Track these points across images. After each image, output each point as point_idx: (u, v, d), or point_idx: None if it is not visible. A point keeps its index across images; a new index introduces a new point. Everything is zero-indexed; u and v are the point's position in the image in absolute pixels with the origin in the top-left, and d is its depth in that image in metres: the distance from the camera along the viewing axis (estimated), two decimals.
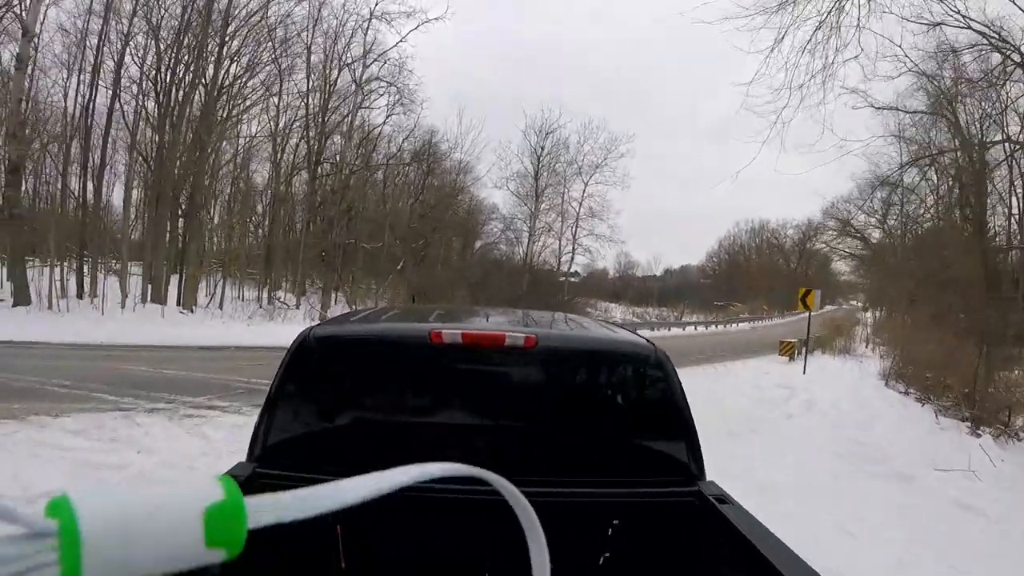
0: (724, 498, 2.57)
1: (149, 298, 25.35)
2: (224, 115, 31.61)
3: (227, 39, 29.07)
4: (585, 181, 50.48)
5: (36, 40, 25.03)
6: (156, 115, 28.92)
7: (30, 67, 25.64)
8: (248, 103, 33.55)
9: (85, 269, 25.96)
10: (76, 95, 26.76)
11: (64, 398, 10.39)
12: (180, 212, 28.21)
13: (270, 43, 31.40)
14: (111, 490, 0.46)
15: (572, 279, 54.81)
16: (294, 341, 2.84)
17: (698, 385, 16.42)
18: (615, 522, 2.66)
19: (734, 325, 54.32)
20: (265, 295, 33.06)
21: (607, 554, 2.68)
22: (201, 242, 29.39)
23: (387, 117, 38.37)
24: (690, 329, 46.25)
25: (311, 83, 35.39)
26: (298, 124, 36.49)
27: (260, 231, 38.88)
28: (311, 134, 36.06)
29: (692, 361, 22.76)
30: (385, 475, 0.55)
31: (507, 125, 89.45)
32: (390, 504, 0.58)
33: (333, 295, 35.87)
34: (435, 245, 45.82)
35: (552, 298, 46.89)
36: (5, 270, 22.65)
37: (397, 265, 40.07)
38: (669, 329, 42.98)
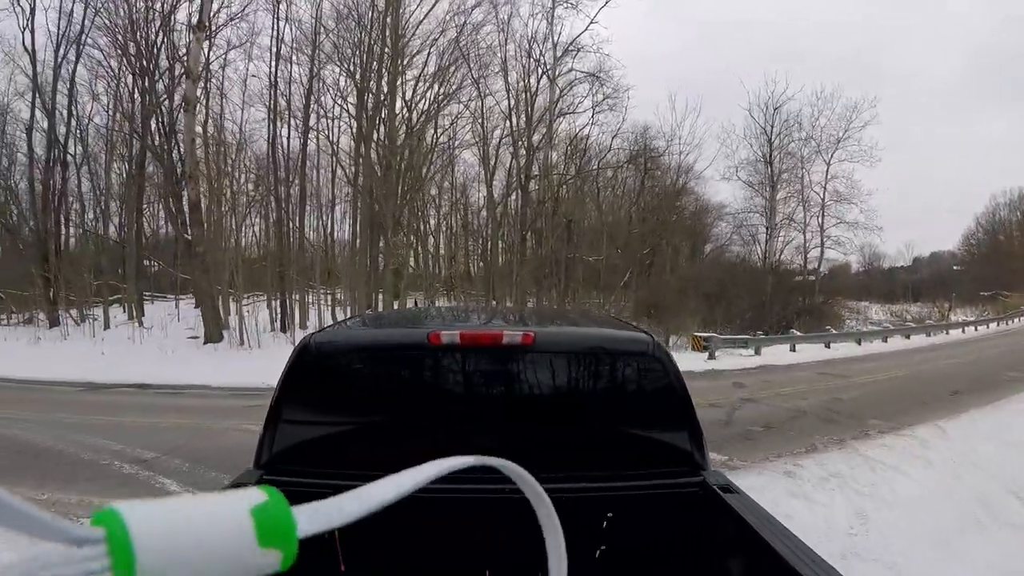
0: (729, 487, 2.50)
1: None
2: (427, 141, 28.74)
3: (406, 57, 25.97)
4: (827, 160, 41.02)
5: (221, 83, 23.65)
6: (353, 146, 26.83)
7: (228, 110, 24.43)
8: (448, 123, 30.60)
9: (292, 302, 23.62)
10: (269, 133, 25.66)
11: (117, 484, 7.56)
12: (383, 240, 25.18)
13: (465, 63, 27.86)
14: (155, 501, 0.44)
15: (811, 277, 44.60)
16: (295, 349, 2.75)
17: None
18: (621, 514, 2.58)
19: (1014, 320, 41.20)
20: None
21: (614, 546, 2.58)
22: (402, 267, 25.90)
23: (593, 115, 33.46)
24: (970, 330, 35.11)
25: (511, 97, 31.70)
26: (506, 139, 33.18)
27: (481, 252, 35.83)
28: (520, 151, 32.32)
29: (1012, 382, 15.39)
30: (413, 472, 0.54)
31: (727, 106, 75.30)
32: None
33: None
34: (661, 253, 39.70)
35: (802, 302, 39.21)
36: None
37: (621, 278, 34.80)
38: (947, 332, 33.04)
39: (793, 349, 23.78)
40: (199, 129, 23.89)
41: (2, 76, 25.96)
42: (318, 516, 0.48)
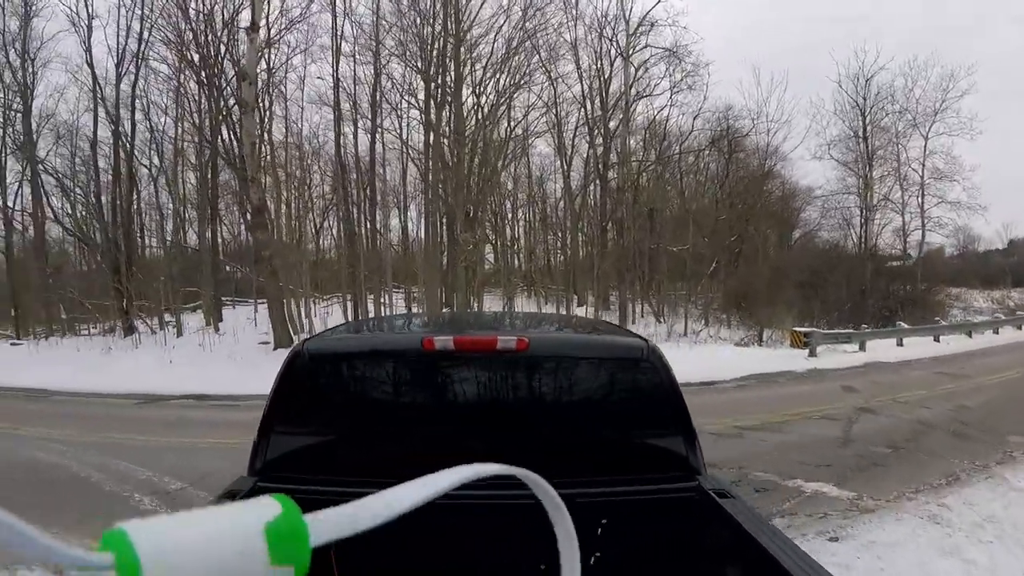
0: (725, 492, 2.41)
1: None
2: (500, 132, 27.48)
3: (471, 46, 24.77)
4: (924, 134, 36.02)
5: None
6: (423, 141, 25.89)
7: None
8: (521, 114, 29.26)
9: (366, 303, 22.80)
10: (337, 132, 25.14)
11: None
12: (455, 235, 24.12)
13: (532, 49, 26.36)
14: (167, 518, 0.43)
15: (909, 263, 39.69)
16: (287, 356, 2.71)
17: None
18: (616, 520, 2.50)
19: None
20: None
21: (609, 552, 2.48)
22: (476, 263, 24.66)
23: (671, 96, 31.29)
24: None
25: (583, 82, 30.13)
26: (581, 127, 31.67)
27: (560, 245, 34.43)
28: (596, 139, 30.76)
29: None
30: (432, 479, 0.52)
31: (814, 79, 64.66)
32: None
33: (639, 306, 29.62)
34: (750, 241, 36.91)
35: (905, 290, 35.76)
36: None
37: (707, 268, 32.57)
38: None
39: (900, 343, 21.28)
40: (266, 135, 23.62)
41: (71, 96, 26.46)
42: (331, 525, 0.46)
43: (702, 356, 18.04)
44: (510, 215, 34.99)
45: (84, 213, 26.15)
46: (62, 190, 26.13)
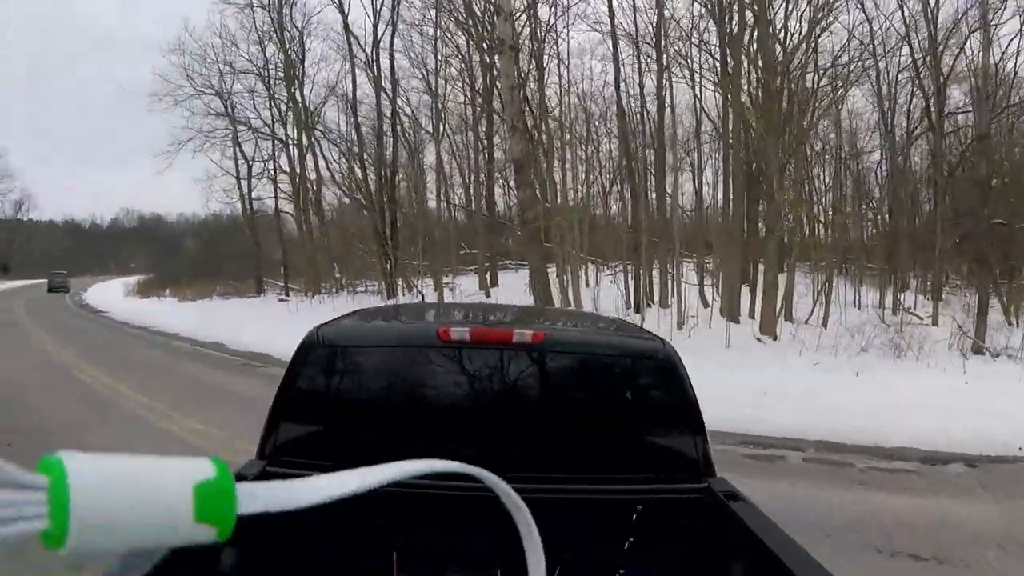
0: (734, 495, 2.25)
1: (725, 313, 16.37)
2: (807, 83, 21.63)
3: None
4: None
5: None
6: (719, 87, 20.99)
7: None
8: (828, 60, 22.96)
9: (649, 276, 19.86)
10: (617, 79, 20.93)
11: None
12: (762, 198, 19.23)
13: None
14: (106, 456, 0.43)
15: None
16: (302, 340, 2.53)
17: None
18: (622, 519, 2.36)
19: None
20: (889, 302, 21.32)
21: (614, 551, 2.34)
22: (788, 232, 19.12)
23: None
24: None
25: (904, 10, 23.06)
26: (904, 68, 24.42)
27: (877, 216, 28.03)
28: (924, 82, 23.51)
29: None
30: (374, 470, 0.52)
31: None
32: (392, 500, 0.58)
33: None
34: None
35: None
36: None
37: None
38: None
39: None
40: (537, 87, 21.07)
41: (337, 64, 26.69)
42: (263, 499, 0.46)
43: None
44: (821, 181, 28.63)
45: (359, 177, 25.84)
46: (343, 157, 26.39)
